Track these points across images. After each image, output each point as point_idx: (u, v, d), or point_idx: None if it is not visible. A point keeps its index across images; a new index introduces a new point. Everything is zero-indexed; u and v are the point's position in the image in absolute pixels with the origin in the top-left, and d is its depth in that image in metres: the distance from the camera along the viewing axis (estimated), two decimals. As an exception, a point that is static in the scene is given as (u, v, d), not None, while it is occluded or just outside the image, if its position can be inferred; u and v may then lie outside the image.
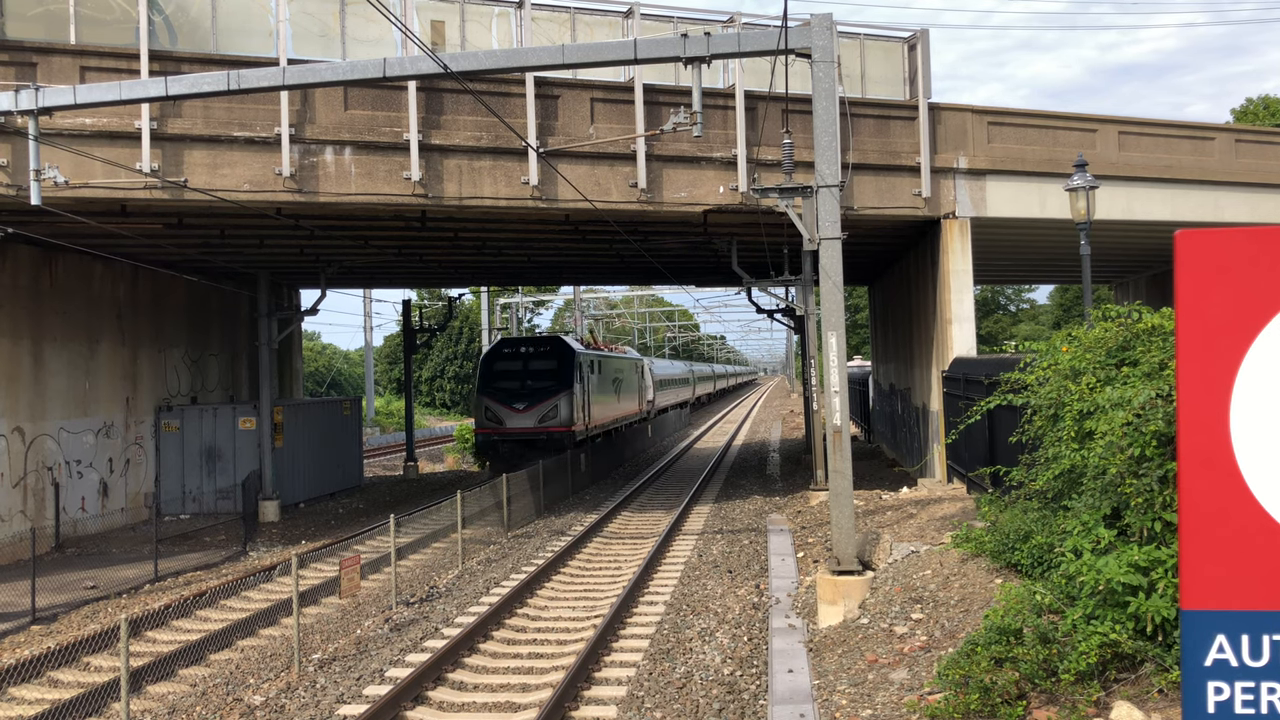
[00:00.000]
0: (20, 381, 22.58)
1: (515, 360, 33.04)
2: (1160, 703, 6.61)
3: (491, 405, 32.08)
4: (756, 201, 20.23)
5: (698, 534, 22.23)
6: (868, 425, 45.83)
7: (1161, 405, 7.53)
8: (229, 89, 14.56)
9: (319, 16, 19.31)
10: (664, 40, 15.08)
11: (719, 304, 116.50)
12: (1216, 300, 3.42)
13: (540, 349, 33.43)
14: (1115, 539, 7.43)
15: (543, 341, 34.35)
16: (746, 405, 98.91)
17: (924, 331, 25.39)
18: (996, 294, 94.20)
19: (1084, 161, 18.01)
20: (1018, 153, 22.98)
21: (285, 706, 11.68)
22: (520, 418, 31.64)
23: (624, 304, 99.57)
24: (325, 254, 26.66)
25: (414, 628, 14.92)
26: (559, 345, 33.65)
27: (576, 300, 64.06)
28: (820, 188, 14.17)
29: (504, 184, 19.58)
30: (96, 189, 17.69)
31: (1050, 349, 10.78)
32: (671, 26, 20.61)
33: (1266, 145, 26.45)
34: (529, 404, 31.70)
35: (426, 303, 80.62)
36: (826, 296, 14.39)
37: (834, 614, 12.44)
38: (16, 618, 16.37)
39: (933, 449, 23.80)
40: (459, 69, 14.62)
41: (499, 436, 31.87)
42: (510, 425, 31.63)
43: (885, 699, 8.43)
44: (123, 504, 26.10)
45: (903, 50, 22.76)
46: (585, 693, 11.70)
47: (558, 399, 31.82)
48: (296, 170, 18.46)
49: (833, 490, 14.10)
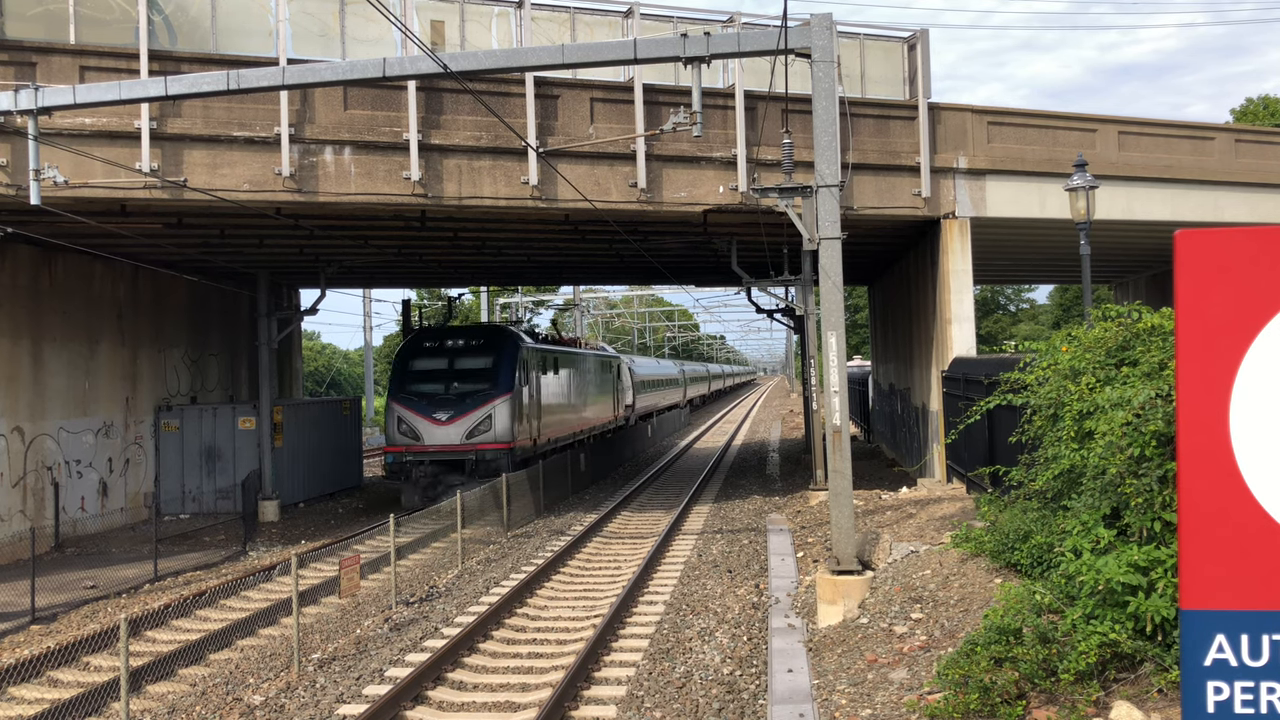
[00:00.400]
0: (20, 381, 22.57)
1: (438, 356, 26.98)
2: (1160, 702, 6.61)
3: (405, 415, 25.96)
4: (756, 201, 20.22)
5: (697, 534, 22.23)
6: (867, 425, 45.83)
7: (1161, 405, 7.53)
8: (228, 89, 14.56)
9: (319, 16, 19.31)
10: (664, 40, 15.08)
11: (719, 304, 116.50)
12: (1216, 300, 3.42)
13: (473, 342, 27.29)
14: (1115, 539, 7.43)
15: (476, 331, 28.37)
16: (746, 405, 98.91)
17: (924, 331, 25.39)
18: (996, 294, 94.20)
19: (1084, 161, 18.02)
20: (1018, 153, 22.98)
21: (285, 706, 11.68)
22: (442, 431, 25.68)
23: (624, 304, 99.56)
24: (325, 254, 26.66)
25: (414, 627, 14.92)
26: (497, 336, 27.74)
27: (576, 300, 64.06)
28: (820, 188, 14.17)
29: (504, 184, 19.57)
30: (96, 189, 17.69)
31: (1050, 349, 10.78)
32: (671, 26, 20.61)
33: (1266, 145, 26.45)
34: (454, 413, 25.67)
35: (426, 302, 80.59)
36: (826, 296, 14.39)
37: (834, 614, 12.44)
38: (16, 617, 16.37)
39: (932, 449, 23.80)
40: (459, 69, 14.62)
41: (414, 456, 25.62)
42: (429, 441, 25.63)
43: (885, 699, 8.43)
44: (122, 504, 26.10)
45: (903, 50, 22.76)
46: (585, 692, 11.71)
47: (493, 406, 25.79)
48: (296, 170, 18.46)
49: (832, 490, 14.11)
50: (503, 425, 25.83)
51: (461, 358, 26.81)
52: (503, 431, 25.83)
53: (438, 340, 27.44)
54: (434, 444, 25.65)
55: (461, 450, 25.52)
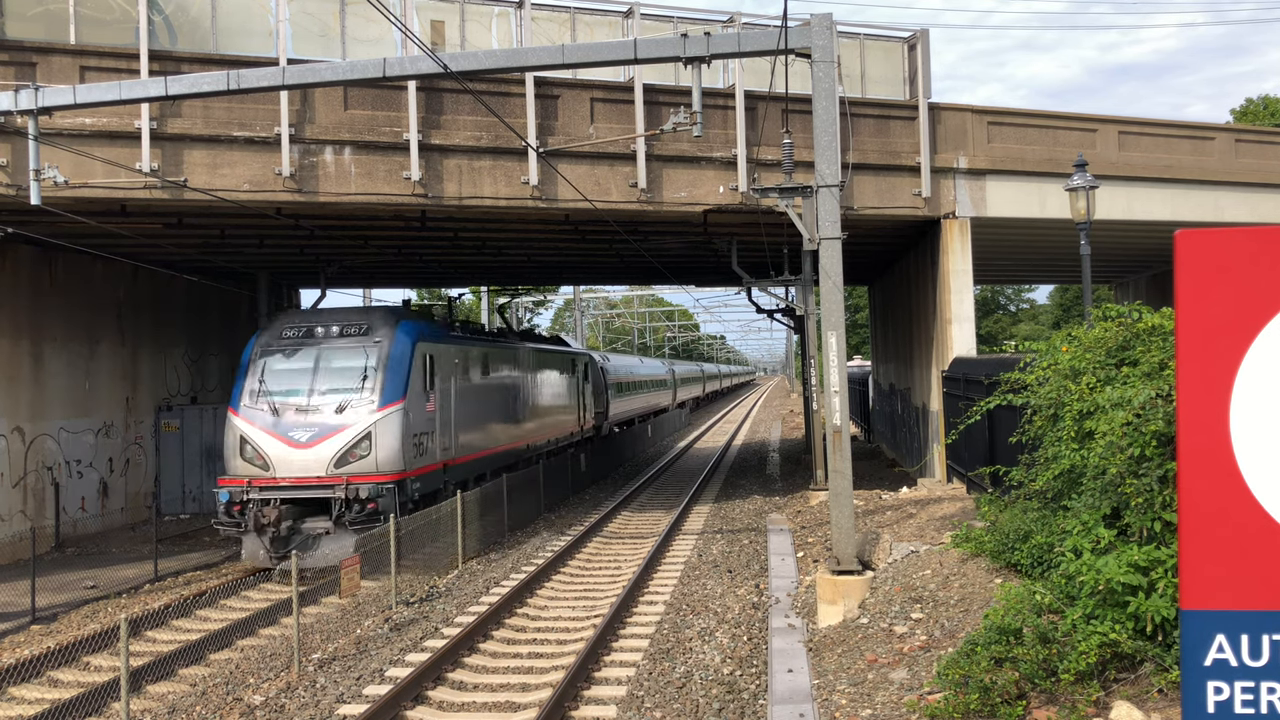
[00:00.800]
0: (20, 381, 22.58)
1: (302, 351, 19.92)
2: (1160, 703, 6.61)
3: (250, 434, 19.12)
4: (756, 201, 20.23)
5: (697, 534, 22.23)
6: (868, 425, 45.83)
7: (1161, 405, 7.54)
8: (229, 89, 14.57)
9: (319, 16, 19.32)
10: (664, 40, 15.08)
11: (719, 304, 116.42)
12: (1216, 300, 3.42)
13: (351, 330, 20.14)
14: (1115, 539, 7.43)
15: (357, 317, 20.82)
16: (746, 406, 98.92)
17: (924, 331, 25.39)
18: (996, 294, 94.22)
19: (1084, 161, 18.02)
20: (1018, 153, 22.98)
21: (285, 706, 11.68)
22: (300, 457, 18.80)
23: (624, 304, 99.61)
24: (325, 254, 26.66)
25: (414, 627, 14.93)
26: (384, 324, 20.36)
27: (576, 300, 64.06)
28: (820, 188, 14.18)
29: (504, 184, 19.58)
30: (96, 189, 17.70)
31: (1050, 349, 10.78)
32: (671, 26, 20.62)
33: (1266, 145, 26.45)
34: (318, 432, 18.91)
35: (426, 302, 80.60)
36: (826, 296, 14.39)
37: (834, 614, 12.44)
38: (16, 617, 16.37)
39: (932, 449, 23.80)
40: (459, 69, 14.62)
41: (260, 491, 18.78)
42: (282, 472, 18.81)
43: (885, 699, 8.43)
44: (123, 504, 26.10)
45: (903, 50, 22.77)
46: (585, 692, 11.71)
47: (374, 420, 18.98)
48: (296, 170, 18.47)
49: (832, 490, 14.11)
50: (389, 447, 18.92)
51: (334, 353, 19.73)
52: (389, 456, 18.94)
53: (302, 328, 20.34)
54: (288, 475, 18.77)
55: (326, 484, 18.65)
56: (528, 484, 24.82)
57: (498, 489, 22.24)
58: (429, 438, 20.70)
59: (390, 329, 20.22)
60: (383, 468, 18.96)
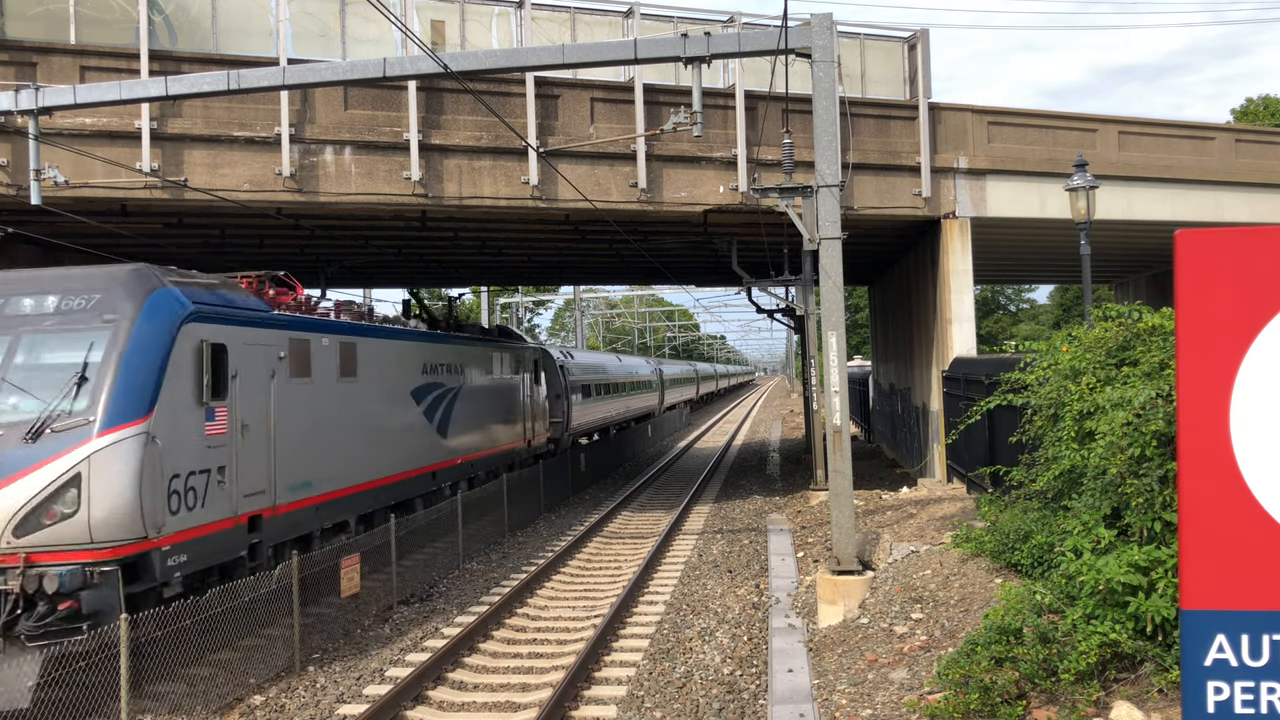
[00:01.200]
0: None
1: None
2: (1160, 702, 6.61)
3: None
4: (756, 201, 20.23)
5: (698, 534, 22.23)
6: (868, 425, 45.83)
7: (1161, 405, 7.54)
8: (229, 89, 14.57)
9: (319, 16, 19.32)
10: (664, 40, 15.08)
11: (719, 304, 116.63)
12: (1216, 300, 3.42)
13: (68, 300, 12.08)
14: (1115, 539, 7.44)
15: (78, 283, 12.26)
16: (746, 406, 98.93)
17: (924, 331, 25.40)
18: (996, 294, 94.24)
19: (1084, 161, 18.02)
20: (1018, 153, 22.98)
21: (285, 706, 11.68)
22: None
23: (624, 304, 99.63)
24: (325, 254, 26.66)
25: (414, 627, 14.93)
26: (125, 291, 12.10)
27: (576, 300, 64.06)
28: (820, 187, 14.18)
29: (504, 184, 19.58)
30: (96, 189, 17.70)
31: (1050, 349, 10.79)
32: (671, 26, 20.62)
33: (1266, 145, 26.45)
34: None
35: (426, 301, 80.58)
36: (826, 296, 14.40)
37: (834, 614, 12.44)
38: None
39: (933, 449, 23.80)
40: (459, 69, 14.62)
41: None
42: None
43: (885, 699, 8.43)
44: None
45: (903, 50, 22.77)
46: (585, 692, 11.71)
47: (85, 457, 10.96)
48: (296, 170, 18.47)
49: (833, 490, 14.11)
50: (115, 497, 11.14)
51: (35, 339, 11.90)
52: (114, 515, 11.13)
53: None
54: None
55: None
56: (489, 500, 21.27)
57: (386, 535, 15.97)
58: (211, 477, 12.84)
59: (136, 301, 12.05)
60: (102, 534, 11.02)
